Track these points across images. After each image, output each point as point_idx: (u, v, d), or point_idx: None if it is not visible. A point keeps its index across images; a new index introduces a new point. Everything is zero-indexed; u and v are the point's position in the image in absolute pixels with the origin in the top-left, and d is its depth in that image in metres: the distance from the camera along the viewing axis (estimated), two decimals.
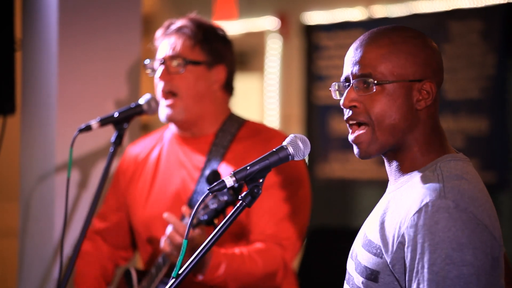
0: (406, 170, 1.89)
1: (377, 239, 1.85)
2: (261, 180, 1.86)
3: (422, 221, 1.76)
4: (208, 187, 1.82)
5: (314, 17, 5.83)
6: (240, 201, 1.85)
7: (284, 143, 1.89)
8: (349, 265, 1.95)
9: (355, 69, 1.88)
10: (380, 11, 5.46)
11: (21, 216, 3.54)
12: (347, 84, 1.90)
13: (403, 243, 1.79)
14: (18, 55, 3.50)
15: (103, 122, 2.75)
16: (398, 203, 1.85)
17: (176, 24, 2.83)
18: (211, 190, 1.82)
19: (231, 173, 1.84)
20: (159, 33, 2.85)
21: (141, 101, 2.83)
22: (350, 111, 1.88)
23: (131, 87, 3.48)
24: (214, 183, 1.83)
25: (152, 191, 2.89)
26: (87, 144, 3.38)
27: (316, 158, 5.65)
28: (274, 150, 1.88)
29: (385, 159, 1.93)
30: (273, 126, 3.05)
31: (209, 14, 5.61)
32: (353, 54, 1.89)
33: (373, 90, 1.85)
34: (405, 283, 1.79)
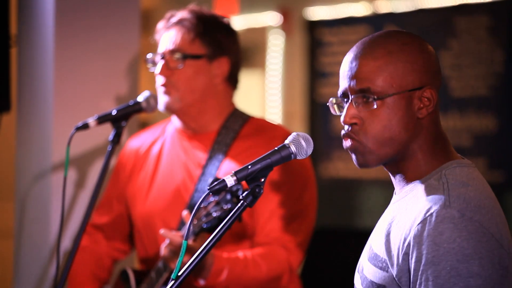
0: (410, 179, 1.87)
1: (383, 252, 1.83)
2: (263, 180, 1.84)
3: (427, 232, 1.74)
4: (208, 187, 1.81)
5: (317, 13, 5.85)
6: (242, 201, 1.83)
7: (287, 142, 1.87)
8: (356, 280, 1.94)
9: (353, 84, 1.85)
10: (385, 6, 5.48)
11: (17, 216, 3.53)
12: (346, 99, 1.88)
13: (408, 255, 1.77)
14: (14, 51, 3.49)
15: (101, 120, 2.73)
16: (403, 214, 1.83)
17: (177, 17, 2.82)
18: (211, 190, 1.80)
19: (232, 173, 1.82)
20: (160, 26, 2.84)
21: (140, 99, 2.81)
22: (350, 128, 1.86)
23: (130, 84, 3.48)
24: (215, 182, 1.81)
25: (153, 187, 2.87)
26: (84, 143, 3.37)
27: (319, 157, 5.67)
28: (276, 149, 1.86)
29: (388, 171, 1.92)
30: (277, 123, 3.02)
31: (208, 9, 5.61)
32: (348, 68, 1.87)
33: (374, 106, 1.83)
34: None
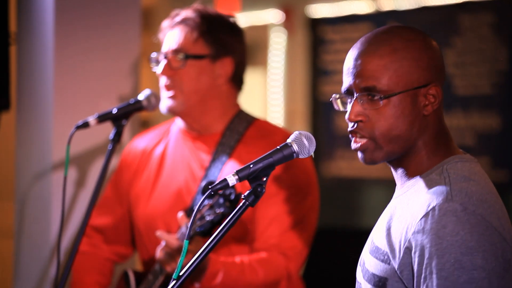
0: (412, 174, 1.88)
1: (384, 245, 1.84)
2: (265, 179, 1.83)
3: (429, 226, 1.75)
4: (210, 186, 1.80)
5: (320, 10, 5.86)
6: (243, 200, 1.83)
7: (289, 140, 1.86)
8: (358, 273, 1.94)
9: (358, 81, 1.86)
10: (388, 4, 5.49)
11: (17, 216, 3.52)
12: (350, 96, 1.88)
13: (410, 249, 1.77)
14: (13, 49, 3.47)
15: (101, 119, 2.72)
16: (405, 208, 1.84)
17: (181, 15, 2.80)
18: (213, 189, 1.79)
19: (234, 172, 1.82)
20: (165, 24, 2.83)
21: (141, 97, 2.79)
22: (355, 124, 1.87)
23: (131, 83, 3.47)
24: (216, 182, 1.80)
25: (155, 188, 2.86)
26: (85, 142, 3.36)
27: (322, 156, 5.67)
28: (278, 148, 1.85)
29: (391, 166, 1.92)
30: (279, 124, 3.01)
31: (211, 7, 5.62)
32: (353, 65, 1.87)
33: (380, 105, 1.84)
34: None
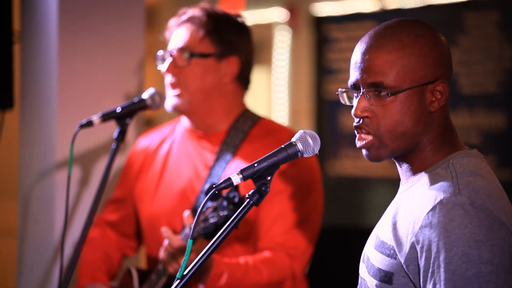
0: (417, 170, 1.88)
1: (390, 240, 1.83)
2: (269, 178, 1.83)
3: (437, 219, 1.74)
4: (214, 185, 1.80)
5: (324, 9, 5.85)
6: (248, 199, 1.82)
7: (293, 139, 1.86)
8: (361, 269, 1.93)
9: (365, 76, 1.85)
10: (393, 2, 5.48)
11: (20, 215, 3.52)
12: (356, 91, 1.87)
13: (417, 243, 1.77)
14: (17, 48, 3.47)
15: (105, 118, 2.72)
16: (411, 203, 1.83)
17: (187, 14, 2.81)
18: (217, 188, 1.79)
19: (238, 171, 1.82)
20: (172, 23, 2.83)
21: (145, 96, 2.79)
22: (361, 120, 1.86)
23: (135, 81, 3.47)
24: (221, 181, 1.80)
25: (159, 187, 2.86)
26: (89, 140, 3.36)
27: (326, 155, 5.66)
28: (283, 147, 1.85)
29: (395, 161, 1.92)
30: (284, 123, 3.00)
31: (216, 5, 5.62)
32: (361, 59, 1.86)
33: (387, 101, 1.83)
34: (420, 284, 1.77)
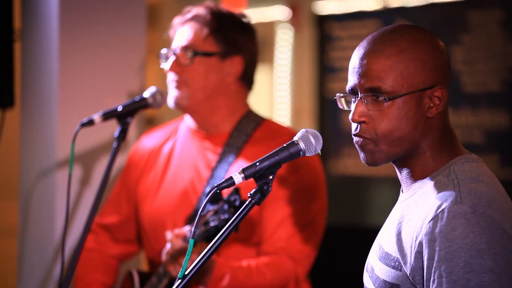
0: (418, 177, 1.87)
1: (395, 251, 1.83)
2: (271, 177, 1.83)
3: (439, 228, 1.74)
4: (216, 184, 1.79)
5: (327, 7, 5.85)
6: (250, 199, 1.81)
7: (295, 138, 1.85)
8: (365, 279, 1.93)
9: (363, 81, 1.84)
10: (396, 0, 5.48)
11: (21, 215, 3.51)
12: (354, 96, 1.87)
13: (421, 253, 1.76)
14: (17, 46, 3.47)
15: (106, 116, 2.71)
16: (413, 212, 1.83)
17: (192, 12, 2.80)
18: (219, 188, 1.79)
19: (240, 170, 1.81)
20: (176, 21, 2.82)
21: (146, 94, 2.78)
22: (359, 126, 1.85)
23: (136, 80, 3.46)
24: (222, 180, 1.79)
25: (161, 188, 2.85)
26: (90, 139, 3.36)
27: (328, 154, 5.67)
28: (285, 146, 1.85)
29: (395, 167, 1.91)
30: (285, 122, 2.99)
31: (217, 3, 5.62)
32: (359, 64, 1.86)
33: (384, 106, 1.83)
34: None
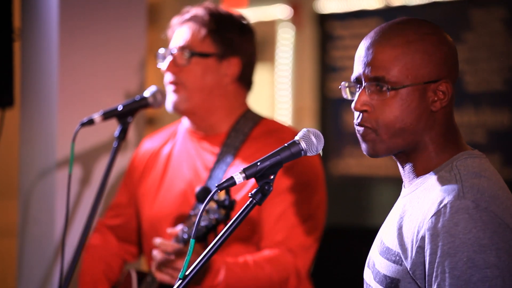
0: (420, 172, 1.87)
1: (396, 246, 1.82)
2: (272, 177, 1.83)
3: (441, 224, 1.73)
4: (216, 185, 1.78)
5: (328, 6, 5.84)
6: (251, 199, 1.81)
7: (297, 138, 1.85)
8: (366, 275, 1.93)
9: (367, 71, 1.85)
10: None
11: (21, 215, 3.51)
12: (359, 85, 1.87)
13: (422, 247, 1.76)
14: (17, 45, 3.46)
15: (106, 116, 2.71)
16: (415, 207, 1.82)
17: (190, 13, 2.80)
18: (220, 187, 1.78)
19: (241, 169, 1.81)
20: (174, 21, 2.82)
21: (146, 94, 2.78)
22: (361, 115, 1.86)
23: (136, 79, 3.46)
24: (223, 180, 1.80)
25: (161, 189, 2.85)
26: (90, 139, 3.35)
27: (330, 154, 5.67)
28: (286, 145, 1.85)
29: (397, 161, 1.90)
30: (286, 121, 2.99)
31: (218, 2, 5.62)
32: (365, 54, 1.86)
33: (387, 96, 1.83)
34: None
